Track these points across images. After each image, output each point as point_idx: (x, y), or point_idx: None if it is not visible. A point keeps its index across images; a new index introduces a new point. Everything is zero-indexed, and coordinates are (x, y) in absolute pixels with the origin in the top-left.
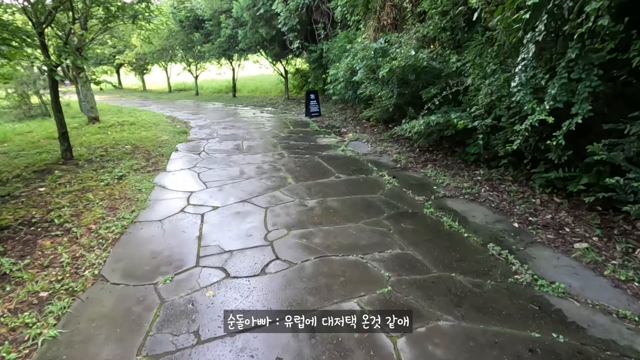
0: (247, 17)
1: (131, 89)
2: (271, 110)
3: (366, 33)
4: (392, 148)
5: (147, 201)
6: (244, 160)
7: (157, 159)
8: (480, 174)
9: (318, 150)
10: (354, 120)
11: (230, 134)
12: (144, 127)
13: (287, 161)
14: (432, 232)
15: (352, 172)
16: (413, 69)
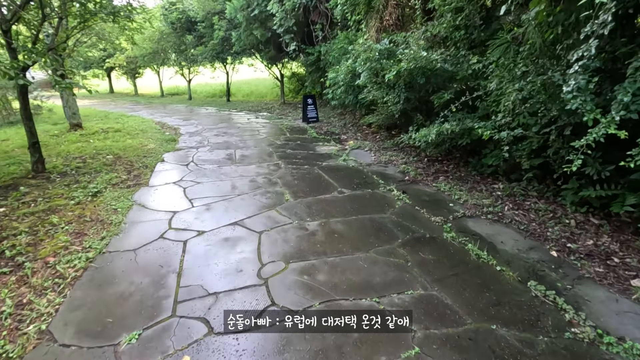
0: (241, 18)
1: (122, 94)
2: (266, 115)
3: (368, 34)
4: (398, 157)
5: (122, 224)
6: (237, 173)
7: (140, 171)
8: (499, 188)
9: (317, 160)
10: (354, 126)
11: (222, 141)
12: (130, 135)
13: (284, 173)
14: (457, 264)
15: (356, 186)
16: (422, 71)
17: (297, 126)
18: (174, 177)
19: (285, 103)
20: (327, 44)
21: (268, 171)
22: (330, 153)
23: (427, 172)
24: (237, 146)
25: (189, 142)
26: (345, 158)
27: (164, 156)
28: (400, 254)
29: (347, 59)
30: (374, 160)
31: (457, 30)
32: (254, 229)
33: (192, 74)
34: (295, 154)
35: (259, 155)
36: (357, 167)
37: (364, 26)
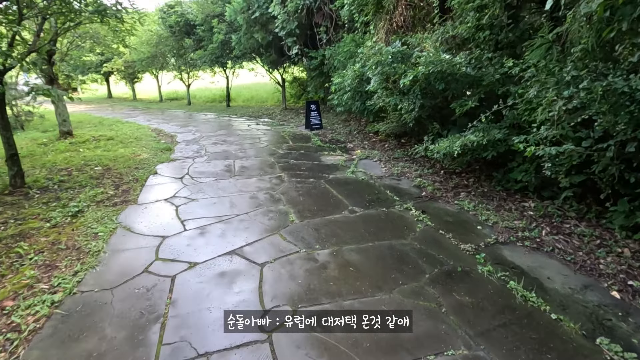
0: (241, 21)
1: (121, 98)
2: (268, 121)
3: (377, 36)
4: (411, 169)
5: (102, 253)
6: (235, 187)
7: (130, 185)
8: (531, 207)
9: (323, 171)
10: (360, 133)
11: (221, 150)
12: (123, 143)
13: (288, 188)
14: (502, 310)
15: (368, 203)
16: (442, 76)
17: (300, 133)
18: (167, 193)
19: (287, 108)
20: (331, 47)
21: (270, 185)
22: (337, 164)
23: (446, 186)
24: (237, 156)
25: (186, 151)
26: (353, 170)
27: (158, 168)
28: (430, 294)
29: (354, 63)
30: (385, 173)
31: (480, 30)
32: (255, 260)
33: (192, 78)
34: (299, 164)
35: (260, 167)
36: (368, 181)
37: (372, 28)
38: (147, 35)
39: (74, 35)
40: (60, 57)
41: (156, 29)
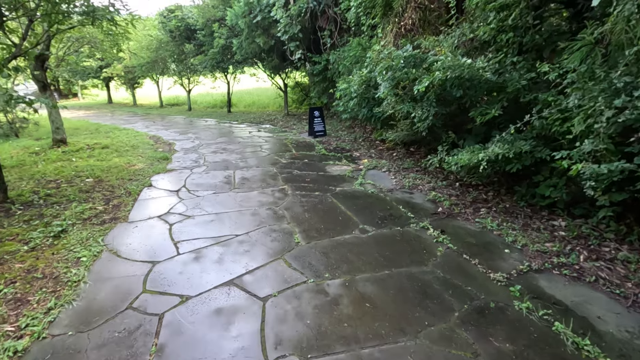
0: (242, 25)
1: (121, 104)
2: (269, 128)
3: (385, 39)
4: (423, 181)
5: (82, 284)
6: (235, 202)
7: (121, 200)
8: (562, 226)
9: (330, 183)
10: (366, 141)
11: (220, 160)
12: (118, 152)
13: (292, 202)
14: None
15: (381, 221)
16: (459, 82)
17: (303, 141)
18: (160, 209)
19: (289, 114)
20: (336, 52)
21: (273, 199)
22: (344, 175)
23: (463, 201)
24: (237, 166)
25: (183, 160)
26: (361, 181)
27: (153, 179)
28: (463, 340)
29: (360, 68)
30: (396, 185)
31: (502, 32)
32: (256, 293)
33: (192, 84)
34: (303, 175)
35: (261, 178)
36: (378, 194)
37: (380, 31)
38: (147, 40)
39: (69, 39)
40: (57, 62)
41: (156, 33)
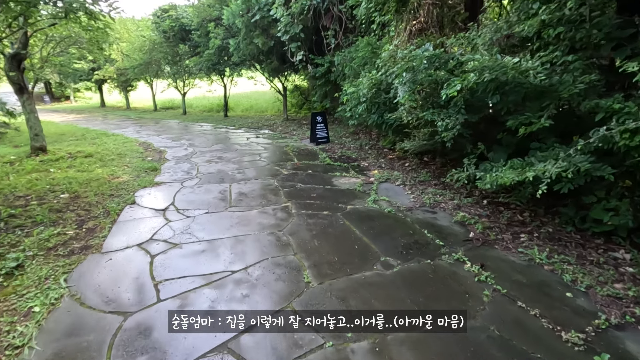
0: (239, 24)
1: (114, 107)
2: (268, 134)
3: (398, 38)
4: (444, 197)
5: (26, 350)
6: (231, 224)
7: (98, 222)
8: (626, 260)
9: (339, 200)
10: (373, 149)
11: (215, 171)
12: (102, 161)
13: (297, 225)
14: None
15: (405, 250)
16: (496, 85)
17: (305, 148)
18: (143, 234)
19: (288, 119)
20: (341, 53)
21: (275, 221)
22: (354, 189)
23: (497, 224)
24: (234, 178)
25: (174, 172)
26: (374, 198)
27: (137, 195)
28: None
29: (370, 70)
30: (415, 202)
31: (549, 27)
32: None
33: (187, 87)
34: (308, 190)
35: (261, 194)
36: (396, 214)
37: (393, 29)
38: (139, 41)
39: (54, 39)
40: (40, 63)
41: (149, 34)
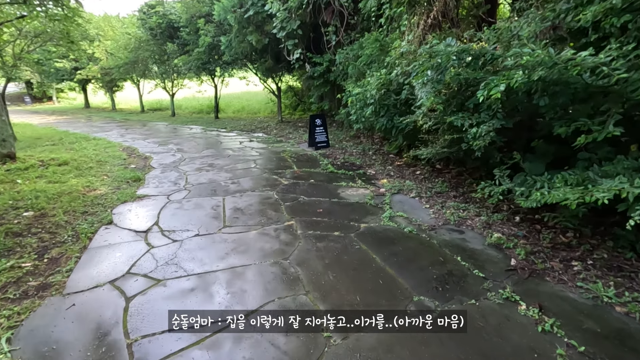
0: (232, 20)
1: (99, 109)
2: (263, 137)
3: (413, 32)
4: (469, 212)
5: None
6: (226, 251)
7: (64, 249)
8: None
9: (349, 216)
10: (378, 154)
11: (206, 181)
12: (78, 170)
13: (306, 250)
14: None
15: (440, 285)
16: (546, 85)
17: (304, 154)
18: (118, 266)
19: (283, 121)
20: (343, 50)
21: (278, 246)
22: (364, 202)
23: (539, 247)
24: (228, 190)
25: (160, 182)
26: (390, 213)
27: (116, 212)
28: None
29: (378, 69)
30: (437, 219)
31: (611, 14)
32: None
33: (176, 87)
34: (312, 204)
35: (259, 209)
36: (419, 235)
37: (405, 22)
38: (124, 39)
39: (26, 33)
40: (13, 61)
41: (135, 32)
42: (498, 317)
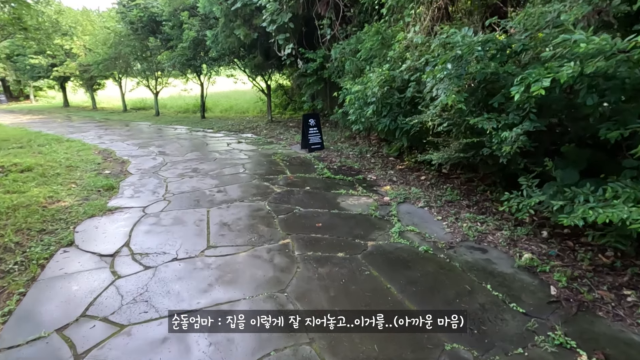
0: (218, 13)
1: (79, 107)
2: (252, 138)
3: (420, 23)
4: (489, 225)
5: None
6: (209, 281)
7: (6, 282)
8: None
9: (353, 231)
10: (376, 157)
11: (190, 189)
12: (43, 177)
13: (306, 280)
14: None
15: (475, 328)
16: (591, 82)
17: (297, 156)
18: (72, 306)
19: (273, 121)
20: (339, 45)
21: (273, 273)
22: (368, 214)
23: (578, 268)
24: (213, 200)
25: (136, 191)
26: (399, 228)
27: (80, 229)
28: None
29: (380, 64)
30: (453, 234)
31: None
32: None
33: (160, 85)
34: (310, 216)
35: (250, 224)
36: (436, 255)
37: (411, 12)
38: (103, 33)
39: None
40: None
41: (114, 26)
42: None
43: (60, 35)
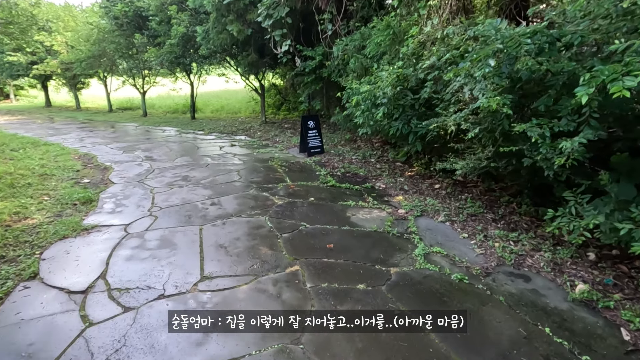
0: (209, 7)
1: (62, 107)
2: (246, 141)
3: (438, 16)
4: (525, 246)
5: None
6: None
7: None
8: None
9: (370, 254)
10: (382, 162)
11: (179, 202)
12: (12, 188)
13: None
14: None
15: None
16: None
17: (296, 162)
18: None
19: (267, 122)
20: (342, 41)
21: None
22: (384, 231)
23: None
24: (206, 215)
25: (118, 204)
26: (424, 249)
27: (46, 256)
28: None
29: (391, 61)
30: (486, 255)
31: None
32: None
33: (148, 84)
34: (319, 235)
35: (250, 245)
36: (473, 286)
37: (427, 5)
38: (86, 29)
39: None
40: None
41: (97, 21)
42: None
43: (38, 30)
